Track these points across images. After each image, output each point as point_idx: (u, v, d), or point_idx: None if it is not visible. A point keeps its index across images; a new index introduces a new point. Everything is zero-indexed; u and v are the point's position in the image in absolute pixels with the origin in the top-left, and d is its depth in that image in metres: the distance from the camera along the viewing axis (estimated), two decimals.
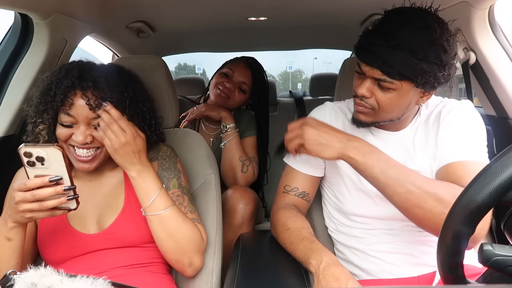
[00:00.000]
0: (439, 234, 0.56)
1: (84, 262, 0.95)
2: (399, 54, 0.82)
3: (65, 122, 0.92)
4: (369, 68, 0.87)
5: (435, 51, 0.82)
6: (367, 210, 1.02)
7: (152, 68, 1.22)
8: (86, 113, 0.91)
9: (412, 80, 0.84)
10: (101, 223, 0.98)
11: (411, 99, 0.90)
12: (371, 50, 0.85)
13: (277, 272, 0.92)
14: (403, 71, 0.83)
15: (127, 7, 1.46)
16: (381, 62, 0.84)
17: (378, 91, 0.89)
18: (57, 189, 0.76)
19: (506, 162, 0.49)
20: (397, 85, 0.86)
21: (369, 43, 0.86)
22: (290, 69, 43.28)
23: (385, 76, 0.85)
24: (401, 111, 0.93)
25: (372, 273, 1.02)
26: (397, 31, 0.82)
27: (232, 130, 1.58)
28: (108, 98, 0.92)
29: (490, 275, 0.64)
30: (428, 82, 0.85)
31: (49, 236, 0.96)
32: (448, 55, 0.83)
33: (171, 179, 1.04)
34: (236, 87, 1.66)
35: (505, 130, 1.40)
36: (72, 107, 0.91)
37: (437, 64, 0.82)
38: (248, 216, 1.41)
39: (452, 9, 1.34)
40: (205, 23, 1.82)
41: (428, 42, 0.82)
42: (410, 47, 0.81)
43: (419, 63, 0.81)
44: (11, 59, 1.23)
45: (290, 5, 1.55)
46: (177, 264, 0.98)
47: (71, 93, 0.91)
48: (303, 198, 1.08)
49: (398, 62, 0.82)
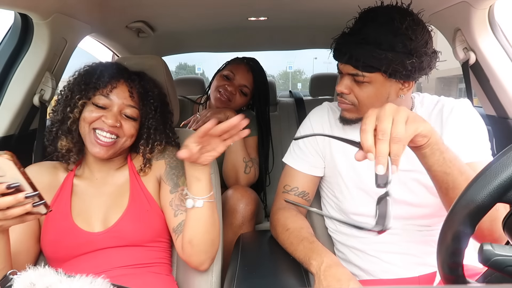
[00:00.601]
0: (439, 233, 0.56)
1: (88, 261, 0.95)
2: (365, 47, 0.88)
3: (101, 104, 0.98)
4: (343, 65, 0.94)
5: (400, 41, 0.86)
6: (367, 209, 1.02)
7: (152, 68, 1.22)
8: (124, 99, 0.99)
9: (381, 71, 0.88)
10: (106, 221, 0.98)
11: (389, 90, 0.93)
12: (341, 48, 0.93)
13: (277, 272, 0.92)
14: (370, 62, 0.88)
15: (127, 7, 1.46)
16: (348, 56, 0.90)
17: (355, 87, 0.94)
18: (17, 197, 0.72)
19: (506, 162, 0.49)
20: (370, 77, 0.90)
21: (340, 43, 0.94)
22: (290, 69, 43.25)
23: (357, 70, 0.91)
24: (381, 104, 0.92)
25: (372, 273, 1.02)
26: (363, 28, 0.89)
27: None
28: (149, 92, 1.04)
29: (490, 275, 0.64)
30: (397, 71, 0.87)
31: (54, 234, 0.96)
32: (416, 43, 0.86)
33: (180, 177, 1.05)
34: (237, 90, 1.65)
35: (505, 130, 1.40)
36: (113, 90, 0.98)
37: (404, 53, 0.86)
38: (248, 216, 1.41)
39: (452, 9, 1.34)
40: (205, 23, 1.82)
41: (392, 33, 0.86)
42: (375, 40, 0.87)
43: (384, 53, 0.86)
44: (11, 59, 1.23)
45: (290, 5, 1.55)
46: (205, 255, 0.97)
47: (116, 79, 1.00)
48: (303, 198, 1.08)
49: (364, 54, 0.88)
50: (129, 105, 1.00)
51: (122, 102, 0.99)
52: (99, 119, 0.97)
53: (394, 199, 0.99)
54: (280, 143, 2.11)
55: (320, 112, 1.12)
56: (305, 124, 1.14)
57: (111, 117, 0.96)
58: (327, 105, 1.14)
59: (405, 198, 0.98)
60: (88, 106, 0.99)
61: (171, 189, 1.03)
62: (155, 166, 1.07)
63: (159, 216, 1.02)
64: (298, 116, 2.25)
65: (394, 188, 0.99)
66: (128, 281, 0.92)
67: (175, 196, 1.02)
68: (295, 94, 2.54)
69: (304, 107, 2.30)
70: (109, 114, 0.97)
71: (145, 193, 1.03)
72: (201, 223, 0.94)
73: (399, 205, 0.99)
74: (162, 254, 1.02)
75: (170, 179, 1.04)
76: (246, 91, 1.66)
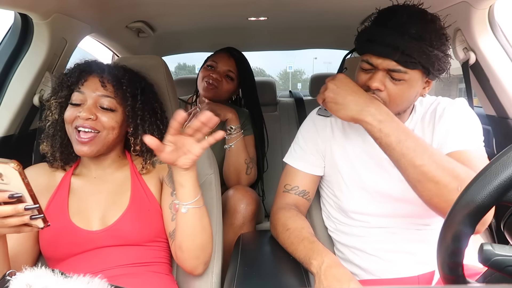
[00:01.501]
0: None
1: (87, 259, 0.95)
2: (415, 43, 0.84)
3: (75, 101, 0.97)
4: (382, 60, 0.88)
5: (440, 40, 0.87)
6: (367, 208, 1.03)
7: (152, 68, 1.22)
8: (96, 90, 0.97)
9: (425, 69, 0.87)
10: (104, 220, 0.98)
11: (418, 90, 0.92)
12: (386, 42, 0.86)
13: (277, 272, 0.92)
14: (420, 59, 0.85)
15: (127, 7, 1.46)
16: (400, 52, 0.85)
17: (390, 84, 0.90)
18: (17, 208, 0.71)
19: (506, 162, 0.49)
20: (409, 75, 0.88)
21: (383, 35, 0.87)
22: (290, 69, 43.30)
23: (400, 66, 0.87)
24: (409, 103, 0.95)
25: (372, 272, 1.02)
26: (409, 23, 0.85)
27: (237, 132, 1.58)
28: (121, 79, 0.99)
29: (490, 275, 0.64)
30: (438, 70, 0.88)
31: (51, 233, 0.96)
32: (449, 44, 0.89)
33: None
34: (223, 76, 1.66)
35: (505, 130, 1.40)
36: (84, 84, 0.97)
37: (443, 52, 0.87)
38: (249, 216, 1.41)
39: (452, 9, 1.34)
40: (205, 23, 1.82)
41: (436, 32, 0.86)
42: (424, 36, 0.85)
43: (433, 50, 0.85)
44: (11, 59, 1.23)
45: (290, 5, 1.55)
46: (197, 261, 0.97)
47: (87, 72, 0.99)
48: (304, 197, 1.09)
49: (416, 50, 0.84)
50: (103, 95, 0.97)
51: (96, 94, 0.97)
52: (76, 117, 0.95)
53: (394, 198, 0.99)
54: (280, 143, 2.11)
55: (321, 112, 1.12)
56: (307, 124, 1.14)
57: (84, 110, 0.94)
58: None
59: (405, 197, 0.98)
60: (68, 107, 0.98)
61: (172, 191, 1.02)
62: (159, 168, 1.06)
63: (160, 216, 1.02)
64: (298, 116, 2.25)
65: (394, 188, 0.99)
66: (127, 280, 0.91)
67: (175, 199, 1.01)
68: (295, 94, 2.54)
69: (304, 107, 2.30)
70: (84, 107, 0.96)
71: (146, 193, 1.03)
72: (189, 228, 0.93)
73: (399, 203, 1.00)
74: (162, 254, 1.02)
75: (171, 182, 1.03)
76: (232, 75, 1.67)
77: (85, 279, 0.79)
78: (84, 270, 0.91)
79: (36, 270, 0.77)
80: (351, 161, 1.04)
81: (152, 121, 1.04)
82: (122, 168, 1.06)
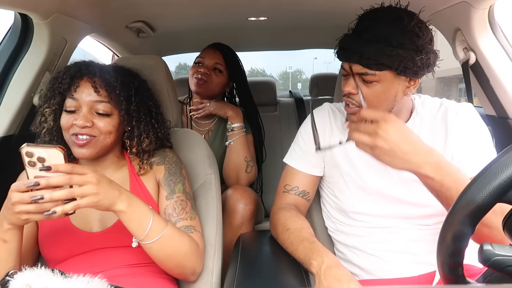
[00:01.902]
0: (439, 233, 0.56)
1: (86, 260, 0.95)
2: (375, 45, 0.86)
3: (69, 108, 0.95)
4: (351, 65, 0.91)
5: (408, 38, 0.86)
6: (367, 208, 1.03)
7: (152, 68, 1.22)
8: (90, 96, 0.95)
9: (391, 68, 0.87)
10: (104, 221, 0.98)
11: (397, 89, 0.92)
12: (349, 48, 0.90)
13: (277, 272, 0.92)
14: (381, 60, 0.86)
15: (127, 7, 1.46)
16: (358, 55, 0.88)
17: (363, 87, 0.91)
18: (73, 192, 0.75)
19: (506, 162, 0.49)
20: (379, 76, 0.89)
21: (346, 42, 0.92)
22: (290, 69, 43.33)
23: (366, 69, 0.89)
24: (389, 103, 0.94)
25: (372, 272, 1.02)
26: (370, 27, 0.88)
27: (238, 129, 1.58)
28: (114, 83, 0.96)
29: (490, 275, 0.64)
30: (407, 68, 0.87)
31: (50, 234, 0.96)
32: (422, 40, 0.87)
33: (177, 184, 1.04)
34: (211, 70, 1.65)
35: (505, 130, 1.40)
36: (77, 90, 0.95)
37: (412, 49, 0.86)
38: (248, 216, 1.41)
39: (452, 9, 1.34)
40: (205, 23, 1.82)
41: (400, 30, 0.86)
42: (384, 37, 0.86)
43: (395, 50, 0.85)
44: (11, 59, 1.23)
45: (290, 5, 1.55)
46: (181, 276, 0.99)
47: (78, 77, 0.96)
48: (303, 197, 1.09)
49: (375, 52, 0.86)
50: (98, 100, 0.95)
51: (90, 99, 0.94)
52: (72, 125, 0.94)
53: (395, 198, 0.99)
54: (280, 143, 2.11)
55: (321, 113, 1.12)
56: (306, 124, 1.14)
57: (80, 118, 0.92)
58: (328, 105, 1.14)
59: (405, 197, 0.99)
60: (62, 114, 0.96)
61: (167, 195, 1.02)
62: (156, 169, 1.06)
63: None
64: (298, 116, 2.25)
65: (395, 188, 0.99)
66: (127, 281, 0.92)
67: (169, 204, 1.01)
68: (295, 94, 2.54)
69: (304, 107, 2.31)
70: (79, 114, 0.94)
71: (145, 194, 1.03)
72: (155, 255, 0.91)
73: (399, 204, 1.00)
74: None
75: (167, 185, 1.03)
76: (220, 68, 1.66)
77: (85, 279, 0.79)
78: (84, 270, 0.91)
79: (36, 270, 0.77)
80: (351, 161, 1.04)
81: (147, 121, 1.03)
82: (121, 169, 1.06)
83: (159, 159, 1.07)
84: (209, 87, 1.64)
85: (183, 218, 1.00)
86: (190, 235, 0.97)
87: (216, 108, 1.62)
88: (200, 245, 1.00)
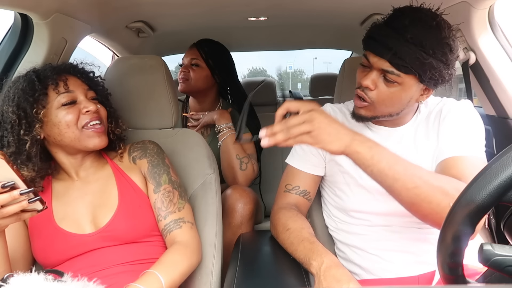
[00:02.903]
0: (439, 233, 0.56)
1: (83, 261, 0.95)
2: (411, 47, 0.84)
3: (66, 101, 0.94)
4: (378, 59, 0.88)
5: (442, 49, 0.85)
6: (368, 206, 1.03)
7: (152, 68, 1.22)
8: (81, 86, 0.98)
9: (418, 75, 0.86)
10: (96, 221, 0.97)
11: (413, 95, 0.91)
12: (383, 41, 0.87)
13: (277, 272, 0.92)
14: (412, 64, 0.85)
15: (127, 7, 1.46)
16: (392, 53, 0.85)
17: (382, 84, 0.90)
18: (12, 194, 0.72)
19: (506, 162, 0.49)
20: (403, 78, 0.87)
21: (381, 35, 0.88)
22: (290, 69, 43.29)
23: (393, 68, 0.86)
24: (401, 106, 0.94)
25: (372, 271, 1.02)
26: (410, 26, 0.85)
27: (226, 129, 1.59)
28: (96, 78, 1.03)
29: (490, 275, 0.65)
30: (432, 79, 0.86)
31: (40, 241, 0.95)
32: (453, 55, 0.87)
33: (161, 175, 1.04)
34: (189, 67, 1.69)
35: (505, 130, 1.40)
36: (68, 82, 0.96)
37: (443, 62, 0.85)
38: (247, 215, 1.41)
39: (452, 9, 1.34)
40: (205, 23, 1.82)
41: (437, 40, 0.84)
42: (421, 42, 0.84)
43: (428, 58, 0.84)
44: (11, 59, 1.23)
45: (290, 4, 1.55)
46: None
47: (62, 74, 0.97)
48: (304, 197, 1.09)
49: (409, 55, 0.84)
50: (87, 88, 0.99)
51: (82, 87, 0.98)
52: (80, 115, 0.94)
53: None
54: None
55: None
56: None
57: (87, 104, 0.95)
58: (330, 106, 1.14)
59: None
60: (52, 114, 0.93)
61: (154, 188, 1.03)
62: (139, 164, 1.07)
63: (151, 209, 1.02)
64: None
65: None
66: (127, 278, 0.91)
67: (157, 197, 1.02)
68: (295, 94, 2.54)
69: None
70: (83, 103, 0.95)
71: (134, 188, 1.02)
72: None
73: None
74: (159, 249, 1.02)
75: (153, 178, 1.04)
76: (196, 62, 1.68)
77: (80, 283, 0.78)
78: (82, 270, 0.90)
79: (28, 276, 0.76)
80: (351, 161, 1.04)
81: (111, 111, 1.07)
82: (103, 167, 1.05)
83: (140, 152, 1.07)
84: (191, 84, 1.68)
85: (171, 211, 1.01)
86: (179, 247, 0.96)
87: (206, 118, 1.66)
88: (191, 237, 1.00)
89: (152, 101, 1.24)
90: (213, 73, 1.70)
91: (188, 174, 1.20)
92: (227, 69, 1.75)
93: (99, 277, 0.89)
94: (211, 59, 1.69)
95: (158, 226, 1.02)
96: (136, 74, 1.24)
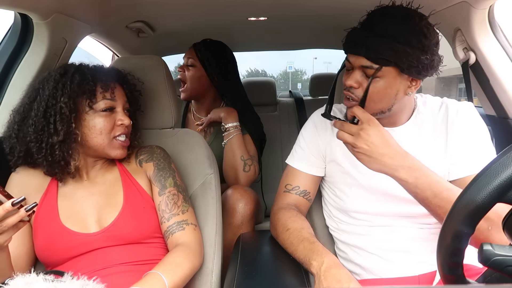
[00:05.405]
0: (439, 233, 0.56)
1: (86, 260, 0.95)
2: (383, 40, 0.87)
3: (107, 107, 0.97)
4: (356, 58, 0.91)
5: (416, 37, 0.87)
6: (368, 206, 1.03)
7: (152, 68, 1.22)
8: (123, 96, 1.02)
9: (395, 64, 0.87)
10: (101, 221, 0.98)
11: (398, 87, 0.92)
12: (357, 41, 0.91)
13: (277, 272, 0.92)
14: (387, 55, 0.87)
15: (127, 7, 1.46)
16: (365, 48, 0.88)
17: (365, 81, 0.92)
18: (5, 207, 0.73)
19: (506, 162, 0.49)
20: (383, 72, 0.89)
21: (355, 35, 0.92)
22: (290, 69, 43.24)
23: (371, 63, 0.89)
24: (389, 101, 0.94)
25: (373, 271, 1.02)
26: (380, 22, 0.89)
27: (233, 129, 1.58)
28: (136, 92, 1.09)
29: (490, 275, 0.65)
30: (412, 66, 0.87)
31: (45, 239, 0.95)
32: (429, 41, 0.88)
33: (167, 178, 1.05)
34: (185, 67, 1.69)
35: (505, 130, 1.40)
36: (115, 92, 0.99)
37: (419, 49, 0.87)
38: (248, 216, 1.41)
39: (452, 9, 1.34)
40: (205, 23, 1.82)
41: (409, 29, 0.87)
42: (393, 33, 0.87)
43: (402, 47, 0.86)
44: (11, 59, 1.23)
45: (290, 4, 1.55)
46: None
47: (112, 80, 1.01)
48: (304, 197, 1.09)
49: (382, 47, 0.87)
50: (126, 100, 1.04)
51: (123, 99, 1.02)
52: (115, 126, 0.98)
53: (396, 197, 0.99)
54: (280, 143, 2.11)
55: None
56: (308, 125, 1.14)
57: (122, 116, 1.00)
58: None
59: (406, 196, 0.98)
60: (90, 116, 0.96)
61: (159, 191, 1.04)
62: (145, 167, 1.08)
63: (155, 211, 1.03)
64: (298, 116, 2.25)
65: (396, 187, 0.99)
66: (128, 278, 0.91)
67: (162, 199, 1.02)
68: (295, 94, 2.54)
69: (304, 107, 2.30)
70: (119, 115, 0.99)
71: (139, 190, 1.03)
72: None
73: (400, 202, 1.00)
74: (161, 251, 1.02)
75: (158, 181, 1.05)
76: (191, 62, 1.68)
77: (79, 282, 0.78)
78: (83, 269, 0.91)
79: (27, 276, 0.76)
80: (352, 160, 1.04)
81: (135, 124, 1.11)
82: (112, 168, 1.06)
83: (147, 156, 1.09)
84: (188, 86, 1.67)
85: (175, 213, 1.01)
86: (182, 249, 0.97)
87: (212, 115, 1.65)
88: (194, 239, 1.00)
89: (152, 101, 1.24)
90: (208, 73, 1.68)
91: (188, 174, 1.20)
92: (224, 71, 1.71)
93: (99, 276, 0.89)
94: (206, 60, 1.67)
95: (161, 228, 1.02)
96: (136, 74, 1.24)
